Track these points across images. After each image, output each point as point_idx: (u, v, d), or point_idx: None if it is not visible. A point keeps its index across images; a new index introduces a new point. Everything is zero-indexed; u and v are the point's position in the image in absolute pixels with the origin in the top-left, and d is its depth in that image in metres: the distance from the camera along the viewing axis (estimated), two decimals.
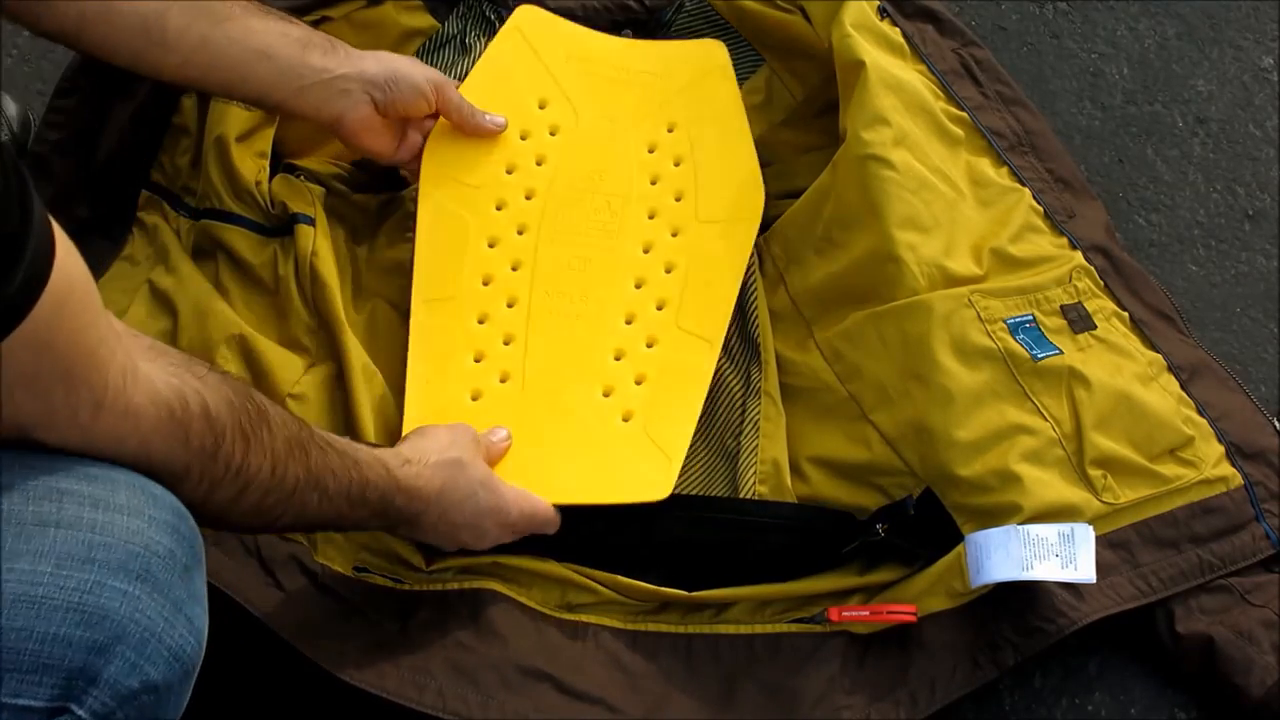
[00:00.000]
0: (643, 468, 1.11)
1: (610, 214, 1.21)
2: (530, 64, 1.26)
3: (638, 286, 1.19)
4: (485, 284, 1.18)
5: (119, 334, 0.72)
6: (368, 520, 0.94)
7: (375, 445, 0.99)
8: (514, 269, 1.18)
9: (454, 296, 1.17)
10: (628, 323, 1.17)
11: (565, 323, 1.17)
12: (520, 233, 1.19)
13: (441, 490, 0.97)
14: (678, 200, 1.22)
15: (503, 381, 1.14)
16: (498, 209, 1.20)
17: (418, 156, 1.21)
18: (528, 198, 1.21)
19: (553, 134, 1.23)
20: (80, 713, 0.66)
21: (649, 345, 1.17)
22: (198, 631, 0.72)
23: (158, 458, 0.74)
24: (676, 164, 1.24)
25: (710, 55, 1.30)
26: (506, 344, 1.16)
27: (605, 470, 1.12)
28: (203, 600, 0.74)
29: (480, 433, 1.07)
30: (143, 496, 0.71)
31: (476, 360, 1.15)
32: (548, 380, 1.15)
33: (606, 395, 1.15)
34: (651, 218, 1.21)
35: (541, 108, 1.24)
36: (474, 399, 1.14)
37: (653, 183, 1.23)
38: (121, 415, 0.71)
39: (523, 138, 1.23)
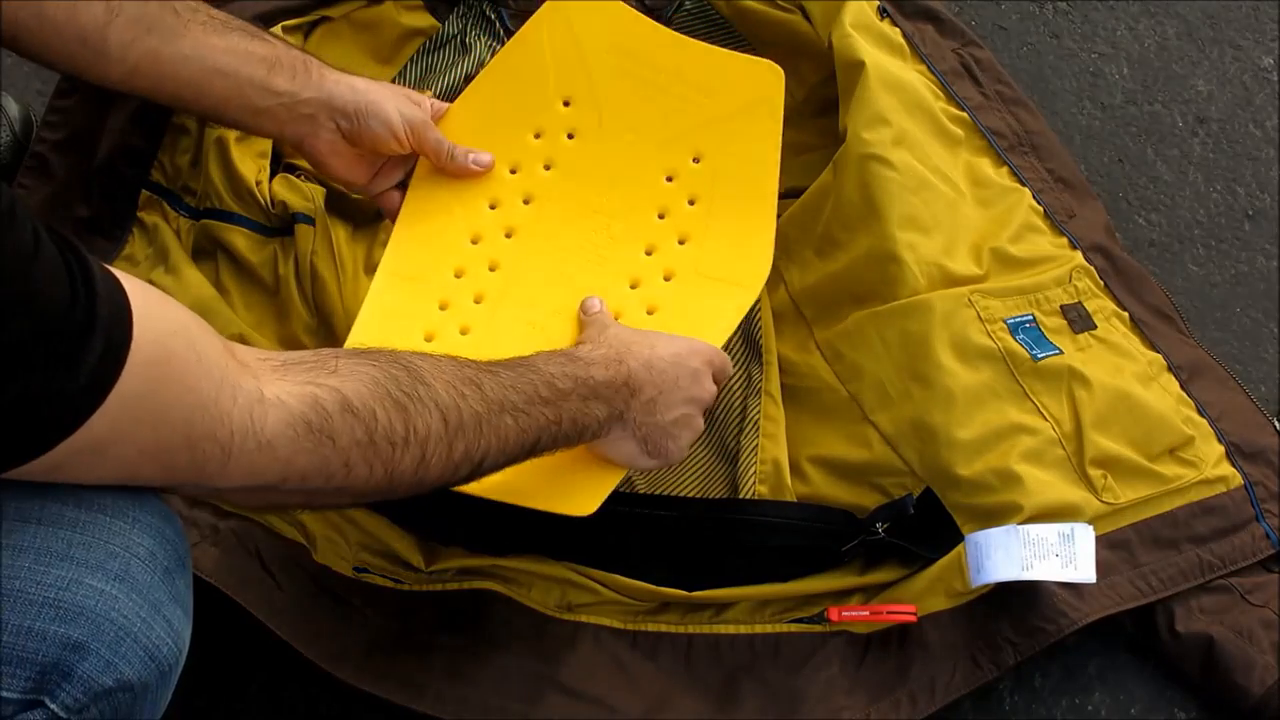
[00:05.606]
0: None
1: (606, 238, 1.10)
2: (564, 51, 1.13)
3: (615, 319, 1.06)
4: (458, 276, 1.08)
5: (243, 365, 0.71)
6: (581, 414, 0.89)
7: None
8: (491, 269, 1.08)
9: (418, 276, 1.06)
10: None
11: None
12: (508, 235, 1.10)
13: (644, 352, 0.94)
14: (681, 244, 1.10)
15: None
16: (491, 208, 1.11)
17: (393, 189, 1.11)
18: (526, 201, 1.11)
19: (570, 136, 1.12)
20: (53, 706, 0.67)
21: None
22: (176, 634, 0.71)
23: (309, 472, 0.73)
24: (691, 202, 1.11)
25: (765, 82, 1.13)
26: (464, 334, 1.06)
27: None
28: (185, 603, 0.73)
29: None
30: (128, 498, 0.71)
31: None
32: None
33: None
34: (648, 254, 1.10)
35: (566, 104, 1.13)
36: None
37: (660, 216, 1.11)
38: (254, 452, 0.70)
39: (537, 136, 1.13)
